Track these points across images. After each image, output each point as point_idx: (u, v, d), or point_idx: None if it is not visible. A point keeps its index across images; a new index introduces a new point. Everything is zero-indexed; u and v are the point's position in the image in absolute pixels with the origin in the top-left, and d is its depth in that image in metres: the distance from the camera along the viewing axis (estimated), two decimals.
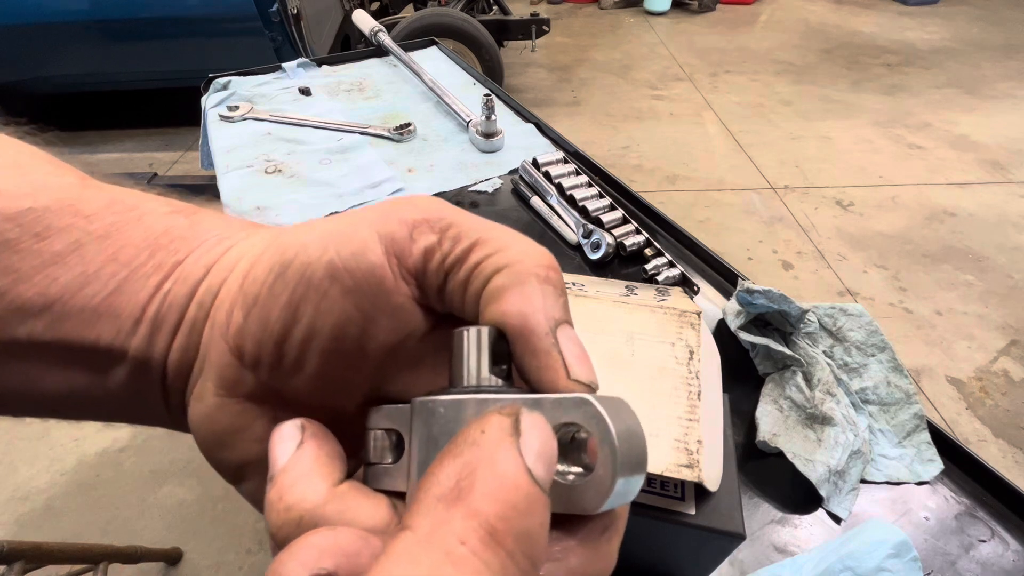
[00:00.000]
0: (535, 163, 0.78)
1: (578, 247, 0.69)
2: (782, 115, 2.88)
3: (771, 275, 1.92)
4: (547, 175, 0.76)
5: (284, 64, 1.13)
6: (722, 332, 0.59)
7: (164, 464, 1.37)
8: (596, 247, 0.66)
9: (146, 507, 1.30)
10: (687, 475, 0.32)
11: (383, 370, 0.18)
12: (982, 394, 1.54)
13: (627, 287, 0.45)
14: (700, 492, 0.34)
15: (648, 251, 0.66)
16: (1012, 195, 2.27)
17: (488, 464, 0.11)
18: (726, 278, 0.65)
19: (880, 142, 2.63)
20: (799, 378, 0.51)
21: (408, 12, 2.97)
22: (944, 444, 0.50)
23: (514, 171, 0.84)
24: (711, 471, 0.33)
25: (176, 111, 2.81)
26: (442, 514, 0.11)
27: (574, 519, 0.14)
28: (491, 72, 2.53)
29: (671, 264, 0.64)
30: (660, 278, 0.63)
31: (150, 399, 0.19)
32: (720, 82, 3.22)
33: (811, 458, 0.46)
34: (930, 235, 2.07)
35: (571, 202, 0.73)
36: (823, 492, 0.45)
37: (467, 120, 0.92)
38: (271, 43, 2.26)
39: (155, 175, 2.30)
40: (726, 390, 0.39)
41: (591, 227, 0.68)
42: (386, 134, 0.92)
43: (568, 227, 0.71)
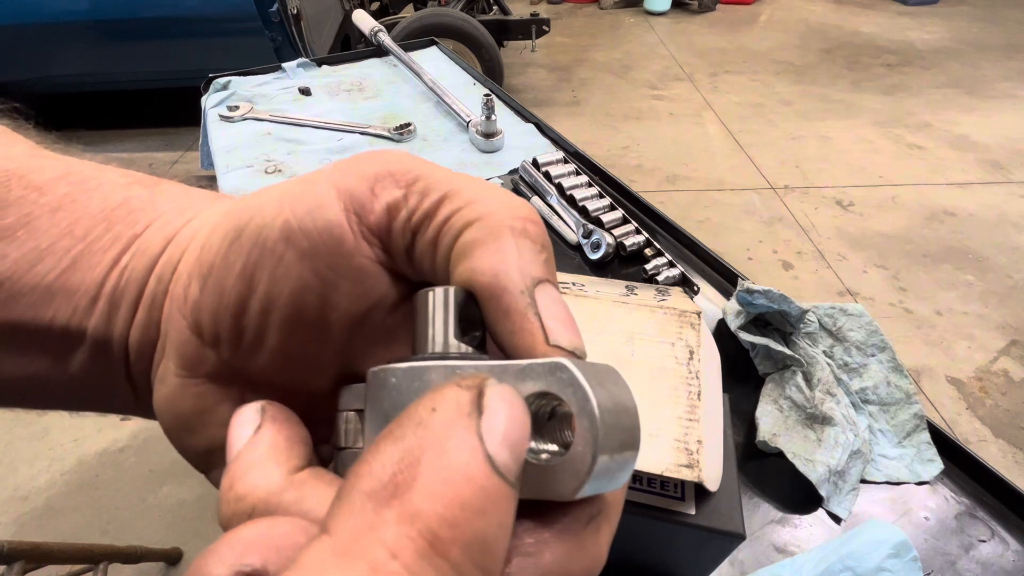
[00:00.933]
0: (535, 163, 0.78)
1: (578, 247, 0.69)
2: (782, 115, 2.88)
3: (771, 275, 1.92)
4: (547, 175, 0.76)
5: (284, 64, 1.13)
6: (722, 332, 0.58)
7: (164, 464, 1.37)
8: (596, 247, 0.66)
9: (146, 507, 1.30)
10: (687, 475, 0.32)
11: (352, 345, 0.16)
12: (982, 394, 1.54)
13: (627, 287, 0.45)
14: (700, 492, 0.34)
15: (648, 251, 0.66)
16: (1012, 195, 2.27)
17: (436, 451, 0.09)
18: (726, 278, 0.65)
19: (880, 142, 2.63)
20: (799, 378, 0.51)
21: (408, 12, 2.97)
22: (944, 444, 0.50)
23: (514, 171, 0.84)
24: (711, 471, 0.33)
25: (176, 111, 2.80)
26: (370, 516, 0.09)
27: (553, 507, 0.11)
28: (491, 72, 2.53)
29: (671, 264, 0.64)
30: (660, 278, 0.63)
31: (115, 383, 0.17)
32: (720, 82, 3.22)
33: (811, 458, 0.46)
34: (930, 235, 2.07)
35: (571, 202, 0.73)
36: (823, 492, 0.45)
37: (467, 120, 0.92)
38: (271, 43, 2.26)
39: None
40: (726, 390, 0.39)
41: (591, 227, 0.68)
42: (386, 134, 0.92)
43: (568, 227, 0.71)
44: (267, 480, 0.13)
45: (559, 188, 0.74)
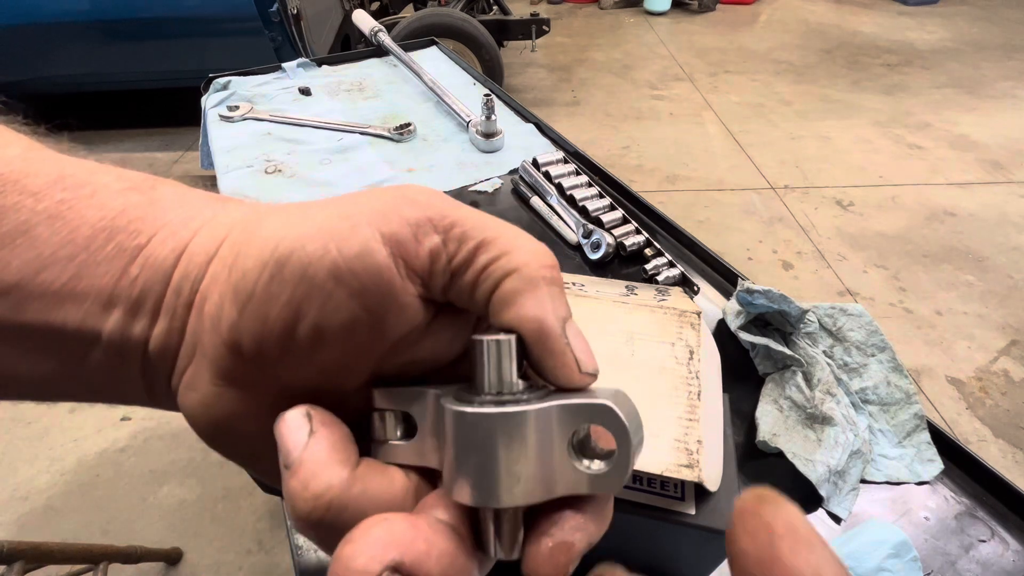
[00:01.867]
0: (535, 163, 0.78)
1: (578, 247, 0.69)
2: (782, 115, 2.88)
3: (771, 275, 1.92)
4: (547, 175, 0.76)
5: (284, 64, 1.13)
6: (722, 332, 0.58)
7: (164, 464, 1.37)
8: (596, 247, 0.66)
9: (146, 507, 1.30)
10: (687, 475, 0.32)
11: (384, 356, 0.18)
12: (982, 394, 1.54)
13: (627, 287, 0.45)
14: (700, 492, 0.34)
15: (648, 251, 0.66)
16: (1012, 195, 2.27)
17: None
18: (726, 278, 0.65)
19: (880, 142, 2.63)
20: (799, 378, 0.51)
21: (408, 12, 2.97)
22: (944, 444, 0.50)
23: (514, 171, 0.84)
24: (711, 471, 0.33)
25: (176, 111, 2.80)
26: None
27: (582, 497, 0.16)
28: (491, 72, 2.53)
29: (671, 264, 0.64)
30: (660, 278, 0.63)
31: (129, 381, 0.18)
32: (720, 82, 3.22)
33: (811, 458, 0.46)
34: (930, 235, 2.07)
35: (571, 202, 0.73)
36: (823, 492, 0.45)
37: (467, 120, 0.92)
38: (271, 43, 2.26)
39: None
40: (726, 390, 0.39)
41: (591, 227, 0.68)
42: (386, 134, 0.92)
43: (568, 227, 0.71)
44: (337, 478, 0.15)
45: (559, 188, 0.74)
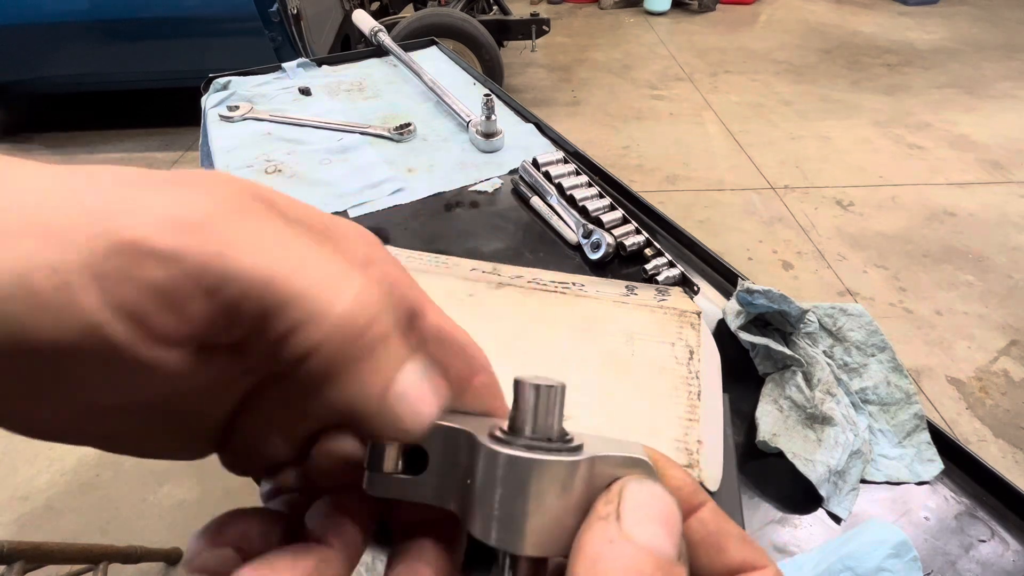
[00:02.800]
0: (535, 163, 0.78)
1: (578, 247, 0.69)
2: (782, 115, 2.88)
3: (771, 275, 1.92)
4: (547, 175, 0.76)
5: (284, 64, 1.13)
6: (722, 332, 0.58)
7: (164, 464, 1.37)
8: (596, 247, 0.66)
9: (146, 507, 1.30)
10: None
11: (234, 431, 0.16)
12: (982, 394, 1.54)
13: (627, 287, 0.45)
14: None
15: (648, 251, 0.66)
16: (1012, 195, 2.27)
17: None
18: (726, 278, 0.65)
19: (880, 142, 2.63)
20: (799, 378, 0.51)
21: (408, 12, 2.97)
22: (944, 444, 0.49)
23: (514, 171, 0.84)
24: (711, 471, 0.33)
25: (176, 111, 2.80)
26: None
27: None
28: (491, 72, 2.53)
29: (671, 264, 0.64)
30: (660, 278, 0.63)
31: None
32: (720, 82, 3.22)
33: (811, 458, 0.46)
34: (930, 235, 2.07)
35: (571, 202, 0.73)
36: (823, 492, 0.45)
37: (467, 120, 0.92)
38: (271, 43, 2.26)
39: None
40: (726, 390, 0.39)
41: (591, 227, 0.68)
42: (386, 134, 0.92)
43: (568, 227, 0.71)
44: None
45: (559, 188, 0.74)
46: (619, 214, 0.70)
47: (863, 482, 0.48)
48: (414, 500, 0.16)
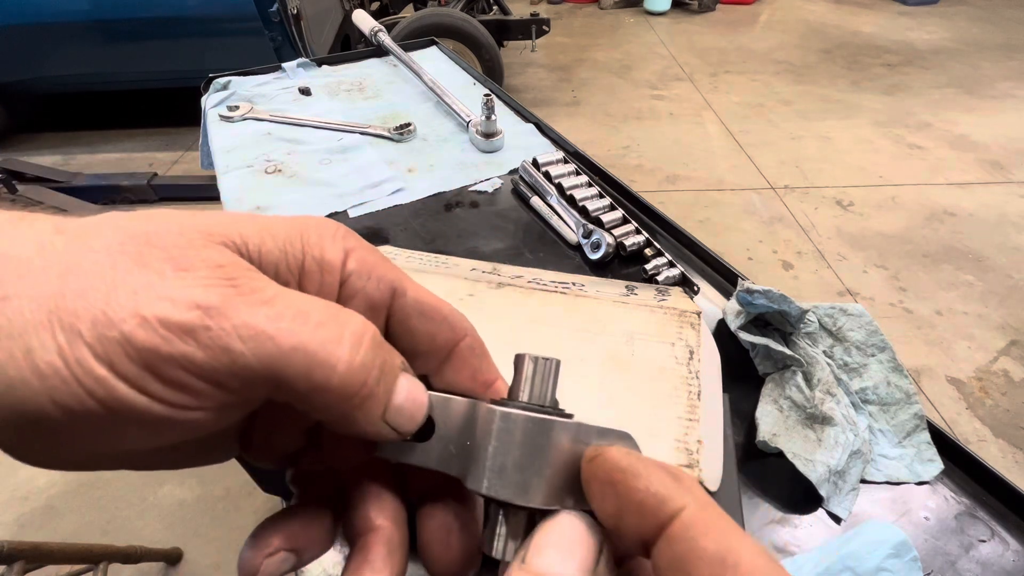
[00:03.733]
0: (535, 163, 0.78)
1: (578, 247, 0.69)
2: (782, 115, 2.88)
3: (771, 275, 1.92)
4: (547, 175, 0.76)
5: (284, 64, 1.13)
6: (722, 332, 0.58)
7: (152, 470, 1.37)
8: (596, 247, 0.66)
9: (146, 507, 1.30)
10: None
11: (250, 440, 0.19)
12: (982, 394, 1.54)
13: (627, 287, 0.45)
14: None
15: (648, 251, 0.66)
16: (1012, 195, 2.27)
17: None
18: (726, 278, 0.65)
19: (880, 142, 2.63)
20: (799, 378, 0.51)
21: (408, 12, 2.98)
22: (944, 444, 0.49)
23: (514, 171, 0.84)
24: (711, 471, 0.33)
25: (176, 111, 2.81)
26: None
27: None
28: (491, 72, 2.54)
29: (671, 264, 0.64)
30: (660, 278, 0.63)
31: None
32: (720, 82, 3.22)
33: (811, 458, 0.46)
34: (930, 235, 2.07)
35: (571, 202, 0.73)
36: (823, 492, 0.45)
37: (467, 120, 0.92)
38: (271, 43, 2.26)
39: (155, 175, 2.31)
40: (726, 390, 0.39)
41: (591, 227, 0.68)
42: (386, 134, 0.92)
43: (568, 227, 0.71)
44: None
45: (559, 188, 0.74)
46: (619, 214, 0.70)
47: (863, 482, 0.48)
48: (422, 465, 0.18)
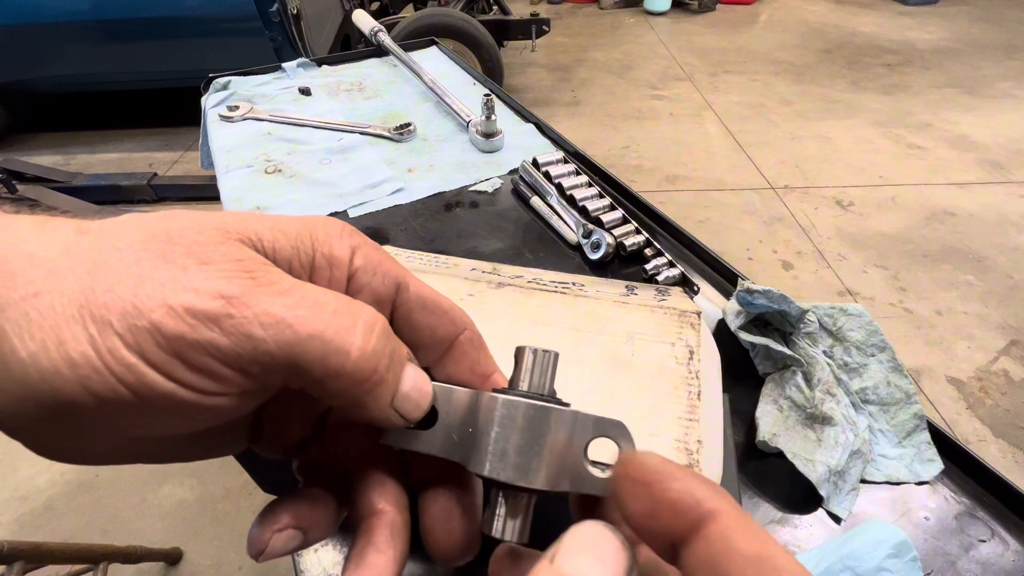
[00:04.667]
0: (535, 163, 0.78)
1: (578, 247, 0.69)
2: (782, 115, 2.88)
3: (771, 275, 1.92)
4: (547, 175, 0.76)
5: (284, 64, 1.13)
6: (722, 332, 0.58)
7: (164, 464, 1.37)
8: (596, 247, 0.66)
9: (146, 507, 1.30)
10: None
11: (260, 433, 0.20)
12: (982, 394, 1.54)
13: (627, 287, 0.45)
14: None
15: (648, 251, 0.66)
16: (1012, 195, 2.27)
17: None
18: (726, 278, 0.65)
19: (880, 142, 2.63)
20: (799, 378, 0.51)
21: (408, 12, 2.98)
22: (944, 444, 0.49)
23: (514, 171, 0.84)
24: (711, 471, 0.33)
25: (176, 111, 2.81)
26: None
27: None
28: (491, 72, 2.53)
29: (671, 264, 0.64)
30: (660, 278, 0.63)
31: None
32: (720, 82, 3.22)
33: (811, 458, 0.46)
34: (930, 235, 2.07)
35: (571, 202, 0.73)
36: (823, 492, 0.45)
37: (467, 120, 0.92)
38: (271, 43, 2.26)
39: (155, 175, 2.30)
40: (726, 390, 0.39)
41: (591, 227, 0.68)
42: (386, 134, 0.92)
43: (568, 227, 0.71)
44: None
45: (559, 188, 0.74)
46: (619, 214, 0.70)
47: (863, 482, 0.48)
48: (425, 451, 0.18)
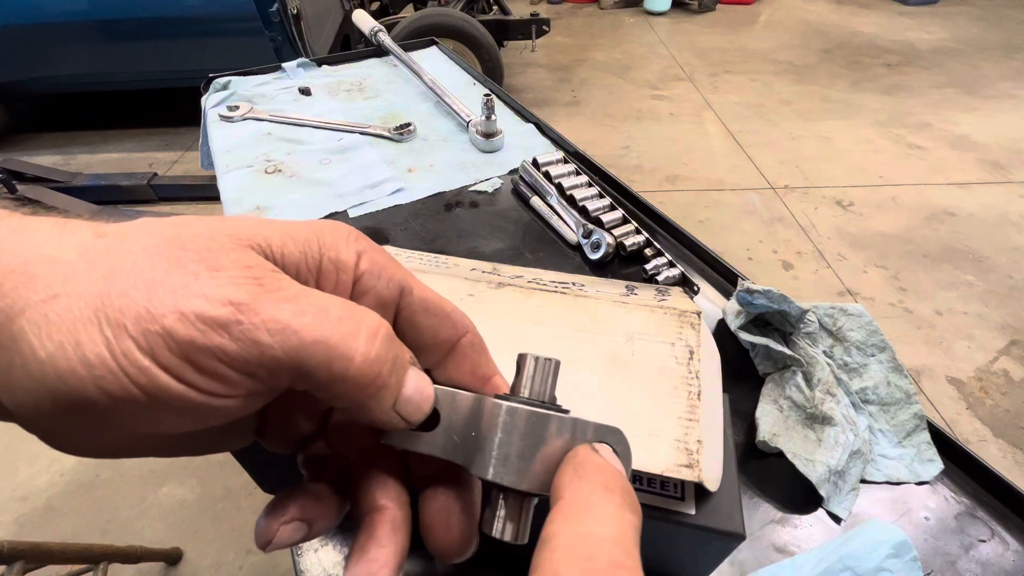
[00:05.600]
0: (535, 163, 0.78)
1: (578, 247, 0.69)
2: (782, 115, 2.88)
3: (771, 275, 1.92)
4: (547, 175, 0.76)
5: (284, 64, 1.13)
6: (722, 332, 0.58)
7: (164, 464, 1.37)
8: (596, 247, 0.66)
9: (146, 507, 1.30)
10: (687, 475, 0.32)
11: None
12: (982, 394, 1.54)
13: (627, 287, 0.45)
14: (700, 492, 0.34)
15: (648, 251, 0.66)
16: (1012, 195, 2.27)
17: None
18: (726, 278, 0.65)
19: (880, 142, 2.63)
20: (799, 378, 0.51)
21: (408, 12, 2.98)
22: (944, 444, 0.49)
23: (514, 171, 0.84)
24: (711, 471, 0.33)
25: (176, 111, 2.81)
26: None
27: None
28: (491, 72, 2.53)
29: (671, 264, 0.64)
30: (660, 278, 0.63)
31: None
32: (720, 82, 3.22)
33: (811, 458, 0.46)
34: (930, 235, 2.07)
35: (571, 202, 0.73)
36: (823, 492, 0.45)
37: (467, 120, 0.92)
38: (271, 43, 2.26)
39: (155, 175, 2.31)
40: (726, 390, 0.39)
41: (591, 227, 0.68)
42: (386, 134, 0.92)
43: (568, 227, 0.71)
44: None
45: (559, 188, 0.74)
46: (619, 214, 0.70)
47: (863, 482, 0.48)
48: (427, 452, 0.19)
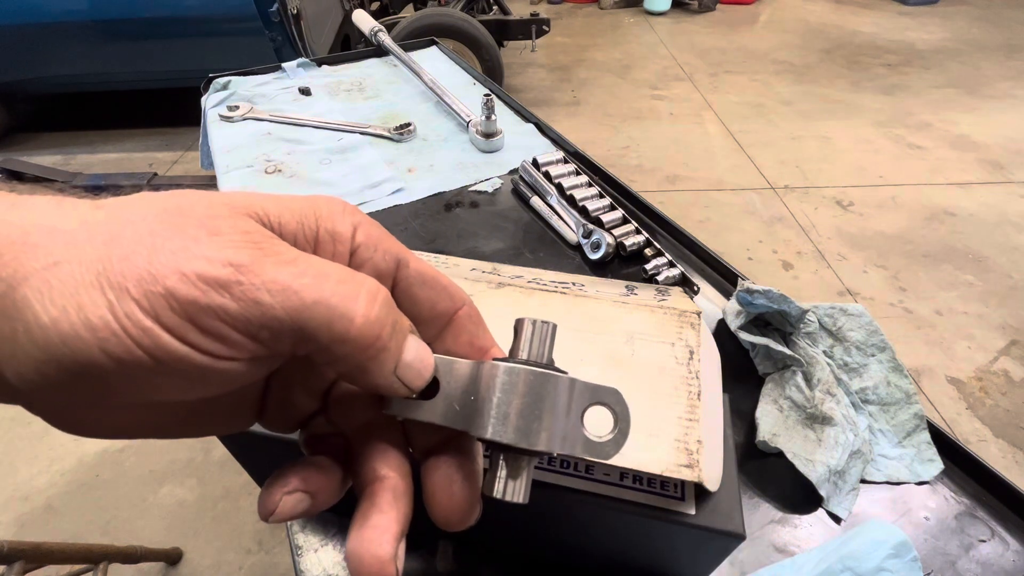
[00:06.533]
0: (535, 163, 0.78)
1: (578, 247, 0.69)
2: (782, 115, 2.88)
3: (771, 275, 1.92)
4: (547, 175, 0.76)
5: (284, 64, 1.13)
6: (722, 332, 0.58)
7: (164, 464, 1.37)
8: (596, 247, 0.66)
9: (146, 507, 1.30)
10: (687, 475, 0.32)
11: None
12: (982, 394, 1.54)
13: (627, 287, 0.45)
14: (700, 492, 0.34)
15: (648, 251, 0.66)
16: (1012, 195, 2.27)
17: None
18: (726, 278, 0.65)
19: (880, 142, 2.63)
20: (799, 378, 0.51)
21: (408, 12, 2.97)
22: (944, 444, 0.49)
23: (514, 171, 0.84)
24: (711, 471, 0.33)
25: (176, 111, 2.80)
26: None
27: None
28: (491, 72, 2.53)
29: (671, 264, 0.64)
30: (660, 278, 0.63)
31: None
32: (720, 82, 3.22)
33: (811, 458, 0.46)
34: (930, 235, 2.07)
35: (571, 202, 0.73)
36: (823, 492, 0.45)
37: (467, 120, 0.92)
38: (271, 43, 2.26)
39: (155, 175, 2.30)
40: (726, 390, 0.39)
41: (591, 227, 0.68)
42: (386, 134, 0.92)
43: (568, 227, 0.71)
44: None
45: (559, 188, 0.74)
46: (619, 214, 0.70)
47: (863, 482, 0.48)
48: (428, 420, 0.19)
